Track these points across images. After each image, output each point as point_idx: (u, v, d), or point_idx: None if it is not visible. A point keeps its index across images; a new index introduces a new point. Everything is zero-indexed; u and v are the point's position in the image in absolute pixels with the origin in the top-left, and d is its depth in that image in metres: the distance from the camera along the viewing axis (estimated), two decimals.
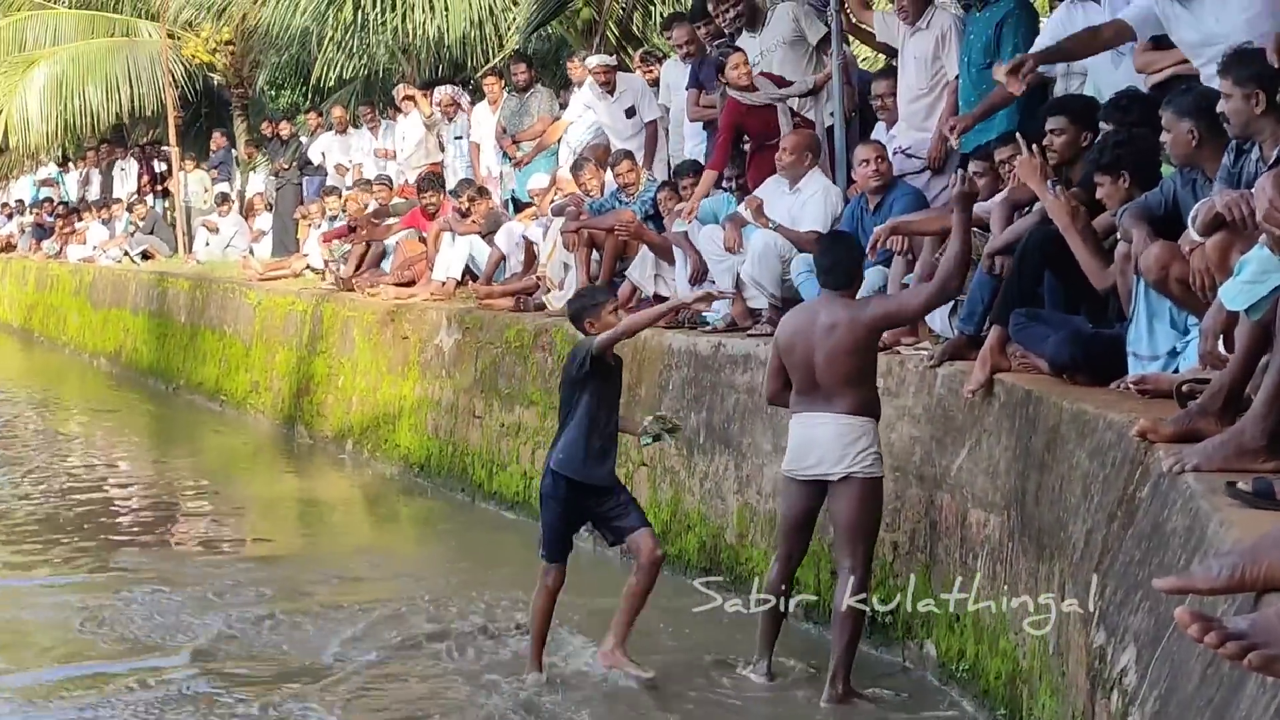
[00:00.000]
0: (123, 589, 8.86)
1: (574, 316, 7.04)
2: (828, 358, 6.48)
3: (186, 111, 24.57)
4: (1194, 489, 3.92)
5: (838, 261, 6.62)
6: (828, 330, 6.49)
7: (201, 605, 8.45)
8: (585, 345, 6.81)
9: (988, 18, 8.14)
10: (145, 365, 19.39)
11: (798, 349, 6.56)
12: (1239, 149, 5.11)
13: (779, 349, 6.68)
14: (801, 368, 6.57)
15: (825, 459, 6.49)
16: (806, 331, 6.54)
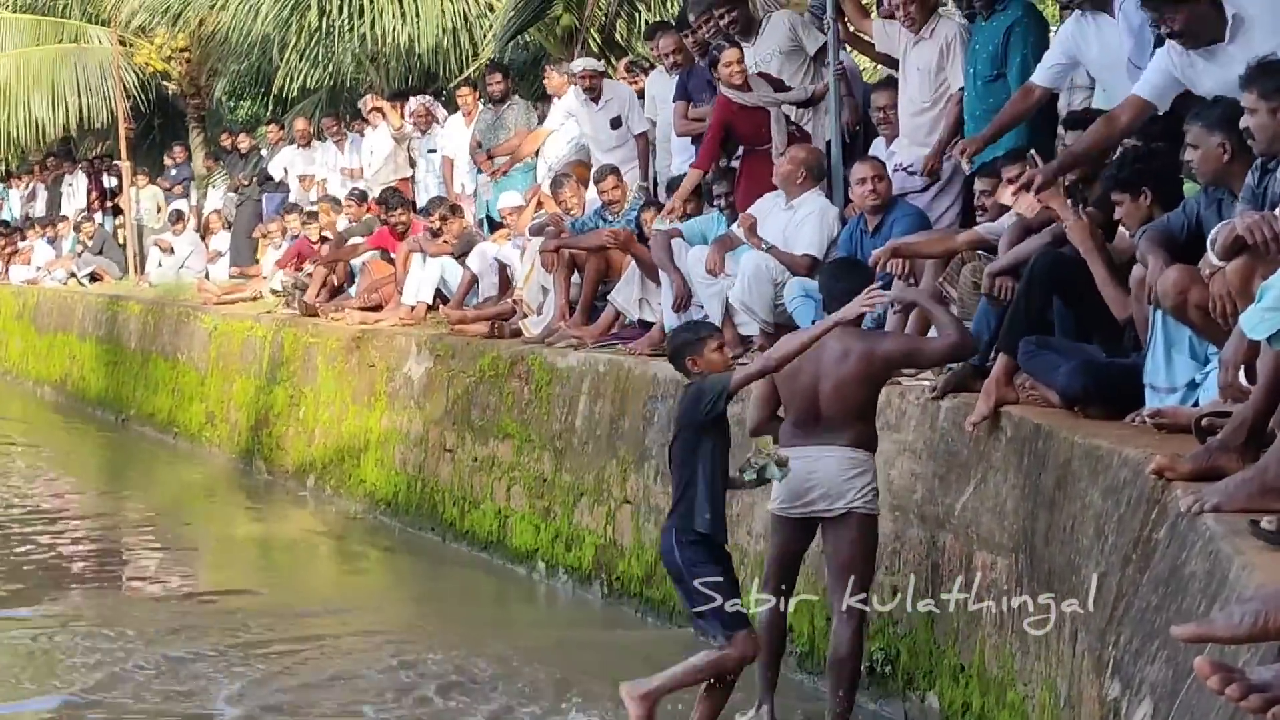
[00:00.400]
0: (59, 631, 8.84)
1: (674, 354, 6.46)
2: (837, 387, 6.47)
3: (139, 123, 24.55)
4: (1214, 530, 3.92)
5: (851, 290, 6.49)
6: (839, 359, 6.47)
7: (131, 649, 8.44)
8: (716, 384, 6.21)
9: (994, 27, 8.18)
10: (93, 394, 19.34)
11: (802, 377, 6.50)
12: (1264, 168, 5.12)
13: (779, 376, 6.57)
14: (805, 397, 6.53)
15: (828, 494, 6.46)
16: (813, 359, 6.46)
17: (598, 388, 9.80)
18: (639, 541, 9.16)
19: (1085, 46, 7.24)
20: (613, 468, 9.50)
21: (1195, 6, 5.96)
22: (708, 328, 6.76)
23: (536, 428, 10.38)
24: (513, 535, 10.48)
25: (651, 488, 9.10)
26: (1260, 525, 3.72)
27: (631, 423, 9.36)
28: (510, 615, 9.38)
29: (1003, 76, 8.14)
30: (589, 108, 12.12)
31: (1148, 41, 6.65)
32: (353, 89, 20.58)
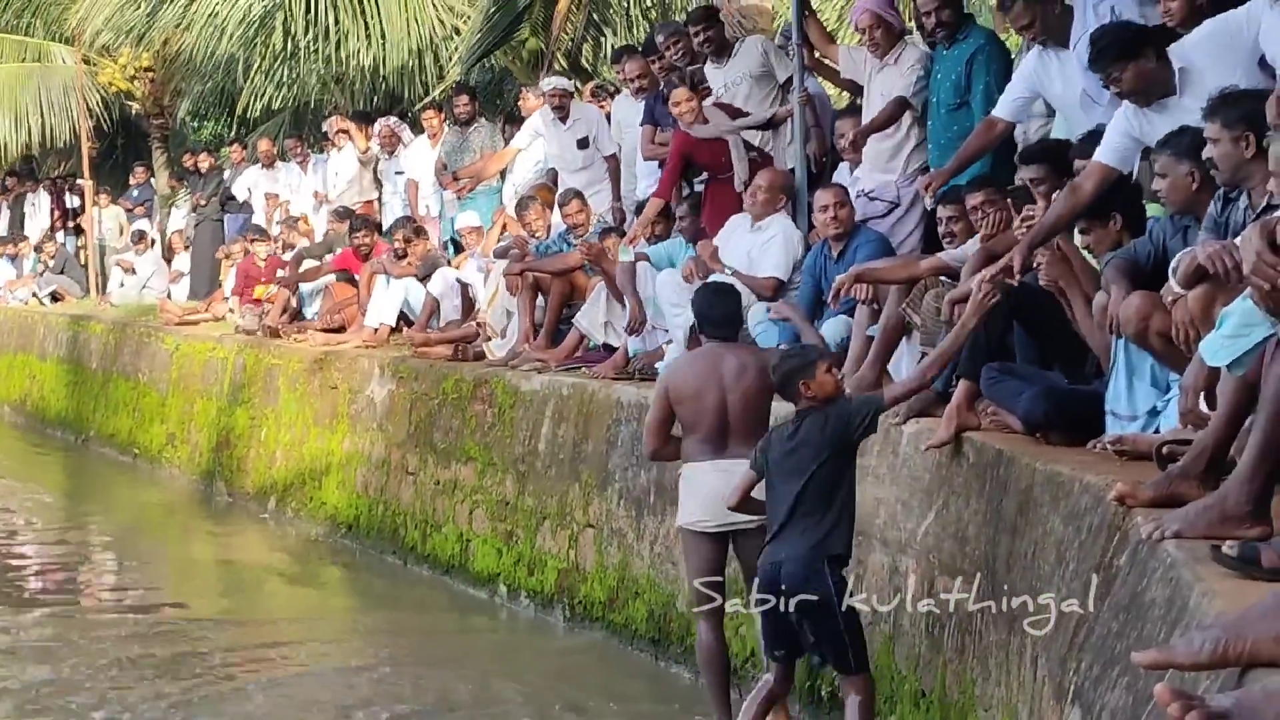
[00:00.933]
0: (7, 653, 8.77)
1: (785, 380, 6.19)
2: (743, 400, 6.73)
3: (102, 143, 24.44)
4: (1175, 557, 3.93)
5: (727, 315, 6.98)
6: (739, 373, 6.77)
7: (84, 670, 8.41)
8: (868, 405, 6.20)
9: (957, 55, 8.22)
10: (53, 415, 19.20)
11: (708, 395, 6.74)
12: (1226, 197, 5.15)
13: (680, 397, 6.77)
14: (713, 413, 6.74)
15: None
16: (714, 376, 6.73)
17: (561, 411, 9.78)
18: (602, 565, 9.14)
19: (1048, 81, 7.29)
20: (576, 491, 9.48)
21: (1139, 65, 6.03)
22: (815, 350, 6.58)
23: (499, 451, 10.35)
24: (474, 559, 10.44)
25: (614, 511, 9.09)
26: (1222, 550, 3.73)
27: (595, 446, 9.34)
28: (470, 639, 9.33)
29: (966, 104, 8.18)
30: (557, 127, 12.11)
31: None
32: (317, 110, 20.53)
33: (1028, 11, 7.24)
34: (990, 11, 14.53)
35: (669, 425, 6.90)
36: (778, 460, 6.14)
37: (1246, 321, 4.09)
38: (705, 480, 6.75)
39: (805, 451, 6.07)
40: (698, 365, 6.94)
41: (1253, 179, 4.95)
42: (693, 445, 6.83)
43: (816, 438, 6.08)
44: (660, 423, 6.93)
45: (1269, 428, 3.96)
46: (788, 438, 6.15)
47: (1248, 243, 3.64)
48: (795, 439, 6.11)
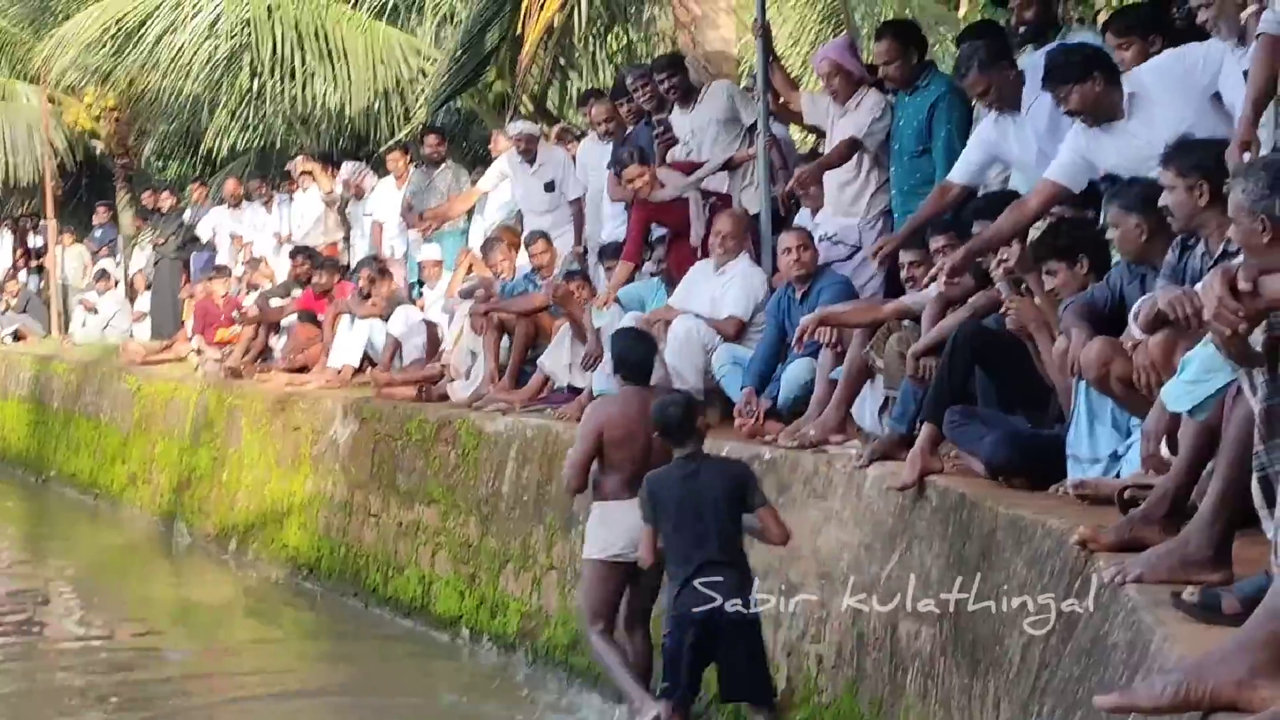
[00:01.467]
0: None
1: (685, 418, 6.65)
2: (663, 445, 6.93)
3: (66, 182, 24.33)
4: (1137, 601, 3.94)
5: (643, 359, 7.40)
6: None
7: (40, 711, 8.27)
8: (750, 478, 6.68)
9: (919, 102, 8.26)
10: (14, 454, 19.06)
11: (638, 437, 7.12)
12: (1184, 244, 5.19)
13: (613, 438, 7.19)
14: (639, 456, 7.12)
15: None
16: (643, 419, 7.04)
17: (525, 453, 9.76)
18: (564, 608, 9.10)
19: (1005, 145, 7.39)
20: (539, 534, 9.45)
21: (1085, 87, 6.21)
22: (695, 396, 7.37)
23: (463, 493, 10.31)
24: (437, 601, 10.38)
25: (578, 553, 9.04)
26: (1182, 598, 3.74)
27: (559, 488, 9.31)
28: (431, 683, 9.26)
29: (928, 151, 8.21)
30: (524, 170, 12.13)
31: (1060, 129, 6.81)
32: (283, 151, 20.50)
33: (982, 79, 7.34)
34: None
35: (590, 465, 7.27)
36: (676, 502, 6.52)
37: (1208, 367, 4.11)
38: (625, 517, 7.06)
39: (712, 497, 6.50)
40: (628, 408, 7.27)
41: (1208, 226, 5.00)
42: (614, 483, 7.22)
43: (721, 485, 6.54)
44: (588, 459, 7.26)
45: (1230, 473, 3.98)
46: (684, 478, 6.55)
47: (1209, 289, 3.67)
48: (696, 482, 6.53)
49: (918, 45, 8.41)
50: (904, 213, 8.26)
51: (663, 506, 6.57)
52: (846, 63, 8.79)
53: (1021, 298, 6.24)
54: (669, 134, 10.24)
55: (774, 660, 7.23)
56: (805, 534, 7.24)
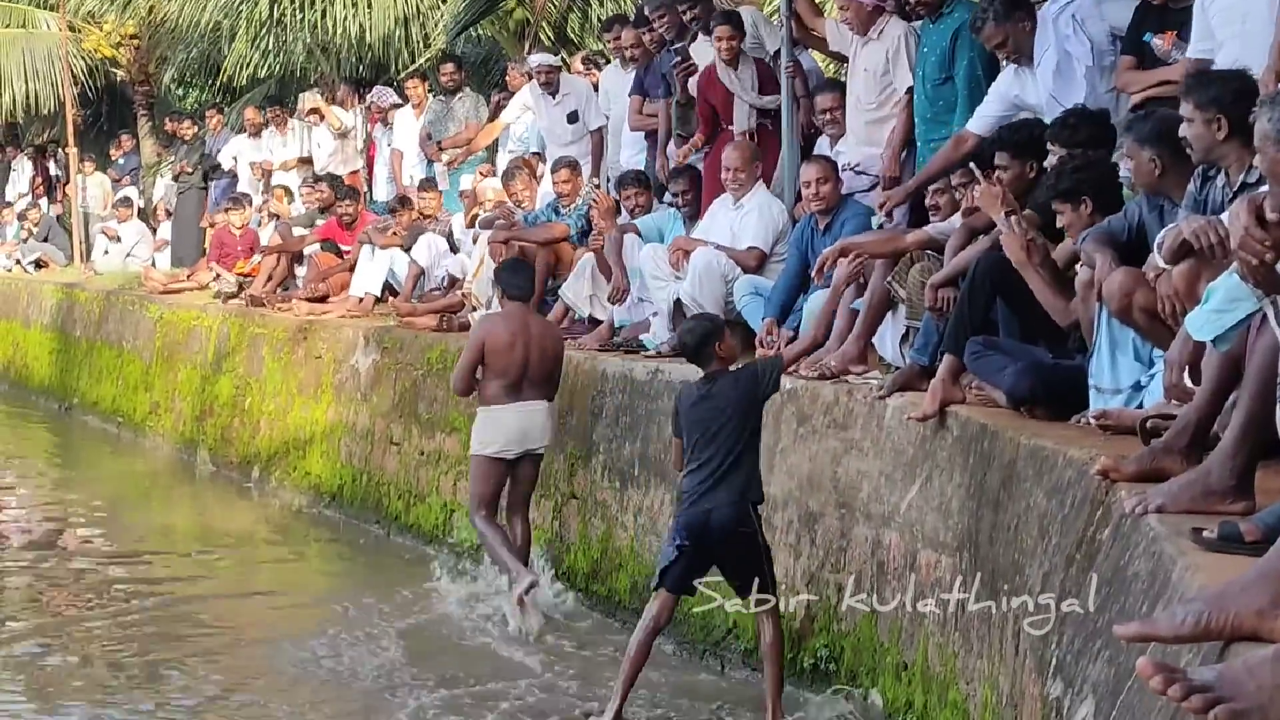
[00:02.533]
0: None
1: (700, 344, 6.95)
2: (541, 355, 8.67)
3: (86, 110, 24.32)
4: (1158, 531, 3.94)
5: (525, 282, 9.01)
6: (541, 333, 8.78)
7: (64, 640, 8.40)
8: (770, 365, 7.06)
9: (942, 30, 8.17)
10: (37, 382, 19.15)
11: (517, 350, 8.59)
12: (1205, 175, 5.16)
13: (495, 348, 8.56)
14: (518, 364, 8.60)
15: (541, 438, 8.76)
16: (523, 333, 8.60)
17: None
18: (585, 536, 9.14)
19: (1025, 95, 7.38)
20: (560, 462, 9.47)
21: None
22: (720, 318, 7.64)
23: None
24: (458, 529, 10.43)
25: (598, 483, 9.08)
26: (1202, 534, 3.73)
27: (579, 418, 9.33)
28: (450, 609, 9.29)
29: (950, 80, 8.13)
30: (546, 101, 12.06)
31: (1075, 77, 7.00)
32: (303, 78, 20.43)
33: (999, 31, 7.33)
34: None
35: (475, 370, 8.62)
36: (690, 417, 6.92)
37: (1232, 297, 4.09)
38: (508, 418, 8.66)
39: (722, 409, 6.85)
40: (510, 322, 8.70)
41: (1227, 159, 4.98)
42: (495, 389, 8.62)
43: (731, 395, 6.86)
44: (472, 366, 8.64)
45: (1253, 403, 3.96)
46: (700, 396, 6.91)
47: (1235, 218, 3.64)
48: (709, 398, 6.89)
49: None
50: (926, 140, 8.21)
51: (685, 422, 6.94)
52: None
53: (1010, 230, 6.22)
54: (689, 64, 10.16)
55: (795, 587, 7.27)
56: (825, 463, 7.25)
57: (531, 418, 8.69)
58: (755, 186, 8.99)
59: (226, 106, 20.45)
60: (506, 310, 8.87)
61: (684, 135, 10.07)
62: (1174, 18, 6.63)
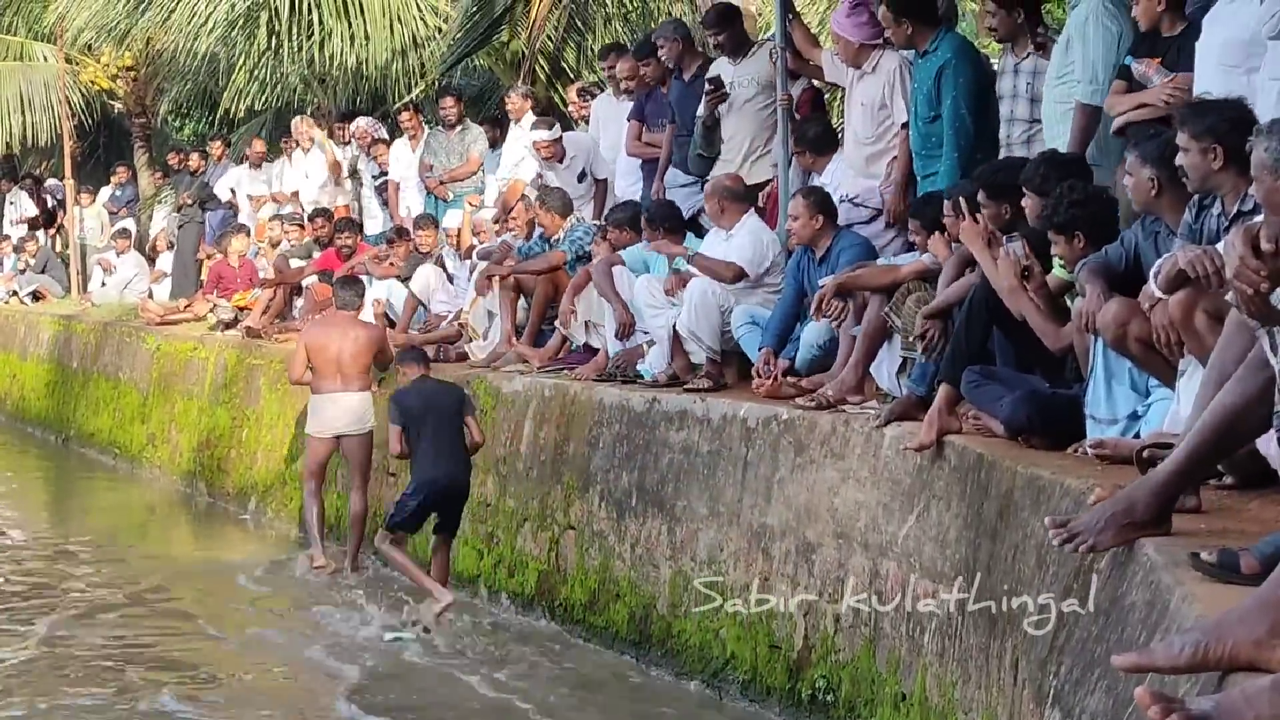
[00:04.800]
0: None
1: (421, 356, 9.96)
2: (353, 354, 10.66)
3: (84, 142, 24.35)
4: (1155, 561, 3.94)
5: (357, 293, 11.14)
6: (355, 336, 10.76)
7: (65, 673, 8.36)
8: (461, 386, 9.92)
9: (928, 67, 8.17)
10: (33, 414, 19.14)
11: (331, 348, 10.67)
12: (1200, 204, 5.18)
13: (315, 348, 10.69)
14: (334, 361, 10.61)
15: (354, 422, 10.70)
16: (339, 336, 10.73)
17: (543, 413, 9.77)
18: (582, 567, 9.13)
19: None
20: (557, 493, 9.47)
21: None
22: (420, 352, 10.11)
23: (481, 452, 10.31)
24: (455, 560, 10.41)
25: (596, 513, 9.08)
26: (1201, 558, 3.74)
27: (576, 448, 9.33)
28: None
29: (939, 118, 8.13)
30: (554, 169, 11.90)
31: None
32: (299, 110, 20.47)
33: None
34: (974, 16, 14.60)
35: (305, 365, 10.70)
36: (421, 411, 9.35)
37: None
38: (328, 405, 10.72)
39: (440, 408, 9.40)
40: (330, 328, 10.92)
41: (1223, 187, 5.00)
42: (320, 382, 10.69)
43: (446, 400, 9.48)
44: (301, 363, 10.77)
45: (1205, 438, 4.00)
46: (421, 393, 9.45)
47: (1230, 247, 3.65)
48: (431, 398, 9.43)
49: (917, 12, 8.17)
50: (922, 174, 8.22)
51: (409, 414, 9.33)
52: (845, 32, 8.73)
53: (1002, 262, 6.24)
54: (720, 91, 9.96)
55: (791, 618, 7.27)
56: (822, 494, 7.26)
57: (345, 404, 10.67)
58: (744, 216, 9.01)
59: (225, 136, 20.47)
60: (326, 318, 11.23)
61: (704, 156, 10.04)
62: (1163, 45, 6.65)
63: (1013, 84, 7.76)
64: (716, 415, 8.17)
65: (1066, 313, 6.09)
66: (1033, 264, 6.23)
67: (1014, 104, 7.77)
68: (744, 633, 7.60)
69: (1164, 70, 6.53)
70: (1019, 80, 7.72)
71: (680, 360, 8.94)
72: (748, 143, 9.77)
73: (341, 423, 10.69)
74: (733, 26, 9.96)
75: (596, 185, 11.68)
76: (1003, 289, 6.26)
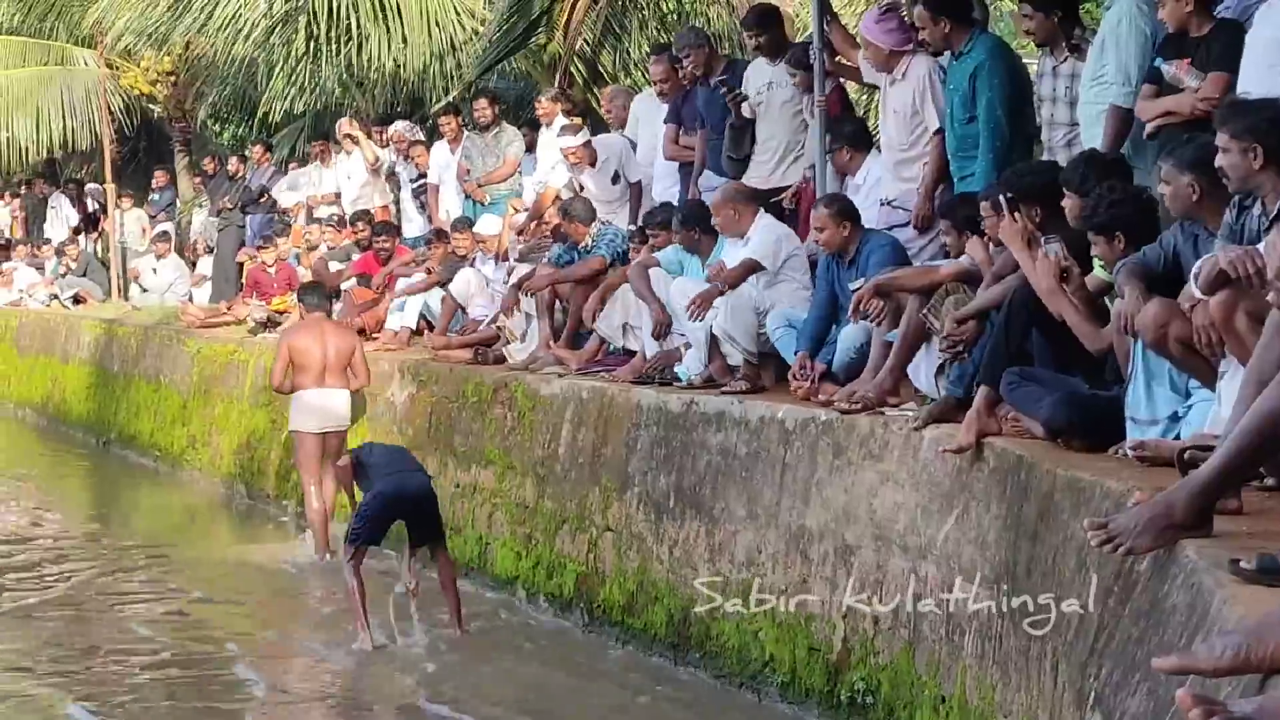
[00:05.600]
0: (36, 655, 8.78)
1: None
2: (336, 353, 11.44)
3: (124, 146, 24.51)
4: (1196, 564, 3.93)
5: (323, 295, 12.12)
6: (334, 336, 11.58)
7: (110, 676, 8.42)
8: None
9: (962, 69, 8.14)
10: (75, 417, 19.27)
11: (315, 348, 11.39)
12: (1240, 205, 5.16)
13: (296, 349, 11.42)
14: (318, 362, 11.35)
15: (341, 419, 11.57)
16: (320, 337, 11.49)
17: (581, 415, 9.79)
18: (620, 569, 9.15)
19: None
20: (595, 495, 9.49)
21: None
22: None
23: (519, 454, 10.36)
24: (494, 562, 10.45)
25: (634, 515, 9.09)
26: (1240, 565, 3.72)
27: (614, 450, 9.35)
28: (494, 641, 9.31)
29: (975, 119, 8.11)
30: (588, 174, 11.92)
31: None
32: (337, 114, 20.55)
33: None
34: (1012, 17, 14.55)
35: (287, 367, 11.37)
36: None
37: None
38: (312, 401, 11.45)
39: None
40: (310, 330, 11.64)
41: (1263, 187, 4.98)
42: (304, 379, 11.40)
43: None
44: (284, 365, 11.43)
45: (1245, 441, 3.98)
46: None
47: (1272, 247, 3.65)
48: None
49: (954, 11, 8.17)
50: (959, 176, 8.21)
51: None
52: (875, 37, 8.72)
53: (1040, 262, 6.23)
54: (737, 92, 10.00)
55: (831, 620, 7.27)
56: (861, 496, 7.25)
57: (333, 402, 11.48)
58: (756, 219, 9.01)
59: (262, 140, 20.58)
60: (307, 321, 11.94)
61: (734, 158, 10.06)
62: (1191, 45, 6.62)
63: (1052, 87, 7.74)
64: (754, 417, 8.17)
65: (1106, 314, 6.07)
66: (1071, 265, 6.22)
67: (1054, 107, 7.75)
68: (783, 635, 7.60)
69: (1195, 71, 6.50)
70: (1058, 83, 7.71)
71: (717, 362, 8.94)
72: (783, 146, 9.78)
73: (331, 419, 11.50)
74: (772, 28, 9.97)
75: (631, 188, 11.68)
76: (1042, 290, 6.25)
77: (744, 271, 8.83)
